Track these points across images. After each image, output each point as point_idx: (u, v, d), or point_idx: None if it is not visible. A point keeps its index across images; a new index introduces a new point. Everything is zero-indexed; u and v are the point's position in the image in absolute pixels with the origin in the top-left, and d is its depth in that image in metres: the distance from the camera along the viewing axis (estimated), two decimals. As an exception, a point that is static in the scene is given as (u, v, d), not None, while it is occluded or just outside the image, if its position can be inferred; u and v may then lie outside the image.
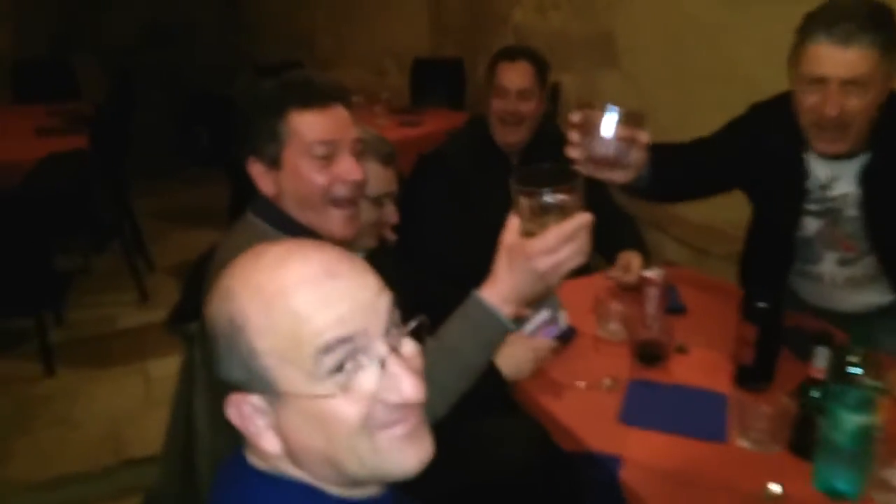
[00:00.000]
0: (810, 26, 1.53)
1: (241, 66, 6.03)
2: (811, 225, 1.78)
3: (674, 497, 1.30)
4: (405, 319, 0.80)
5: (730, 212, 2.43)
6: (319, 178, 1.35)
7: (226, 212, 4.02)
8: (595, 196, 2.51)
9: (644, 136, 1.37)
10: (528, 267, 1.05)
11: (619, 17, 3.74)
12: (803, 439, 1.36)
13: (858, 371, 1.26)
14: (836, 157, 1.67)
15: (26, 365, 3.22)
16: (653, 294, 1.83)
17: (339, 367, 0.72)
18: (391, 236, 1.92)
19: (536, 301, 1.14)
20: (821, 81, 1.52)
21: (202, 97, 5.86)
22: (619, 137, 1.33)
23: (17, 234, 2.96)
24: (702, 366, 1.72)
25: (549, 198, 1.02)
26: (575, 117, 1.33)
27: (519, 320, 1.20)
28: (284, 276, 0.74)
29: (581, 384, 1.64)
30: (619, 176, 1.42)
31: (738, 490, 1.31)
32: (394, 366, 0.74)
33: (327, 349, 0.72)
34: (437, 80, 5.03)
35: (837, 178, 1.70)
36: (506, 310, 1.10)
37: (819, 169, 1.72)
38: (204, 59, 6.41)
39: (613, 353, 1.78)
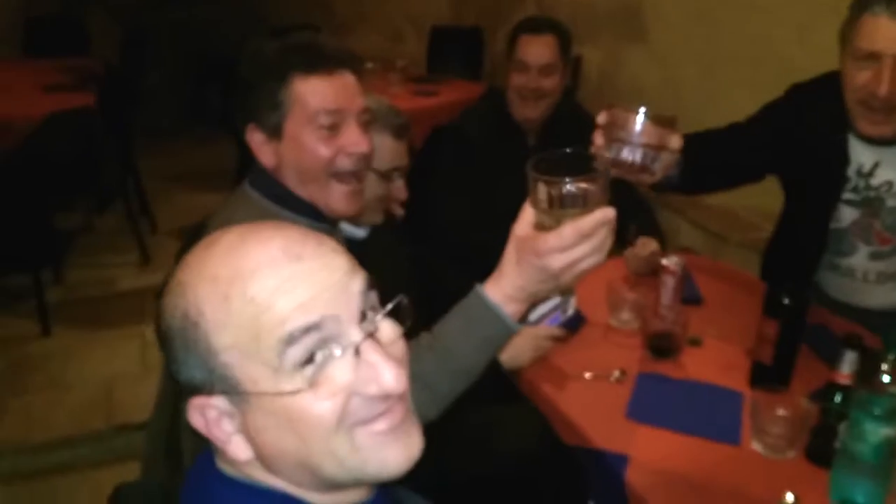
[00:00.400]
0: None
1: (257, 28, 5.90)
2: (847, 215, 1.69)
3: (681, 501, 1.23)
4: (387, 300, 0.72)
5: (751, 198, 2.34)
6: (323, 150, 1.26)
7: (233, 175, 3.95)
8: (612, 180, 2.40)
9: (676, 142, 1.24)
10: (539, 264, 0.93)
11: (647, -11, 3.60)
12: (822, 447, 1.27)
13: (888, 379, 1.17)
14: (881, 142, 1.58)
15: (22, 323, 3.17)
16: (669, 283, 1.73)
17: (308, 359, 0.64)
18: (399, 211, 1.83)
19: (545, 299, 1.04)
20: (874, 57, 1.43)
21: (216, 58, 5.75)
22: (648, 143, 1.19)
23: (18, 190, 2.90)
24: (716, 361, 1.63)
25: (570, 187, 0.89)
26: (601, 118, 1.21)
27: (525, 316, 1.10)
28: (240, 262, 0.66)
29: (588, 375, 1.56)
30: (646, 178, 1.29)
31: (749, 497, 1.23)
32: (370, 353, 0.66)
33: (292, 340, 0.63)
34: (456, 50, 4.90)
35: (881, 165, 1.61)
36: (510, 308, 0.99)
37: (862, 154, 1.63)
38: (220, 20, 6.28)
39: (624, 344, 1.69)
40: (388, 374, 0.66)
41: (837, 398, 1.27)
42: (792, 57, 2.85)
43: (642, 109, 1.16)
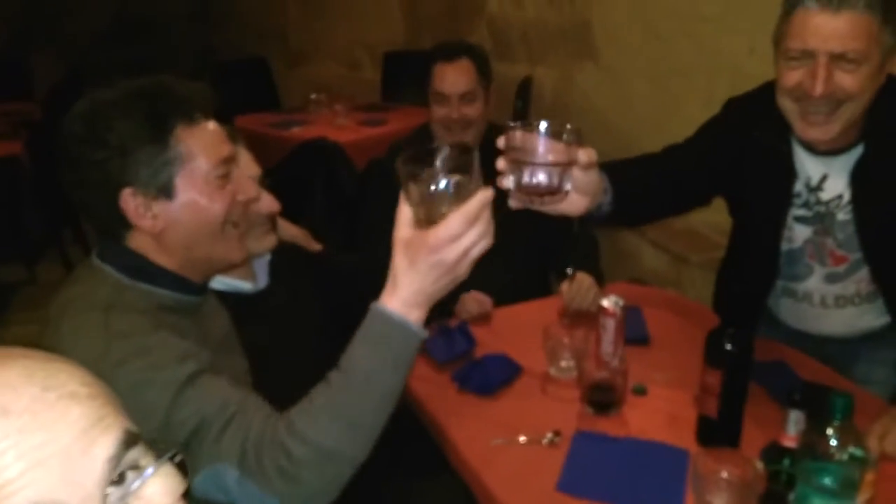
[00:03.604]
0: None
1: (211, 62, 5.77)
2: (801, 233, 1.56)
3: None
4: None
5: (712, 214, 2.22)
6: (220, 203, 1.14)
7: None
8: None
9: (584, 156, 1.12)
10: (434, 260, 0.93)
11: (596, 6, 3.50)
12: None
13: (836, 443, 1.02)
14: (827, 153, 1.45)
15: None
16: (609, 326, 1.58)
17: None
18: (314, 246, 1.69)
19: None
20: (807, 55, 1.31)
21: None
22: (552, 162, 1.09)
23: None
24: (662, 412, 1.48)
25: (444, 179, 0.92)
26: (500, 142, 1.10)
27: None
28: None
29: (523, 439, 1.40)
30: (568, 206, 1.18)
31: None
32: None
33: None
34: (410, 75, 4.76)
35: (829, 177, 1.48)
36: (413, 316, 0.97)
37: (809, 166, 1.50)
38: (173, 55, 6.15)
39: (564, 397, 1.54)
40: None
41: (786, 462, 1.12)
42: (743, 66, 2.74)
43: (542, 125, 1.07)
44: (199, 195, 1.12)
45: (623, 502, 1.22)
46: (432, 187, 0.92)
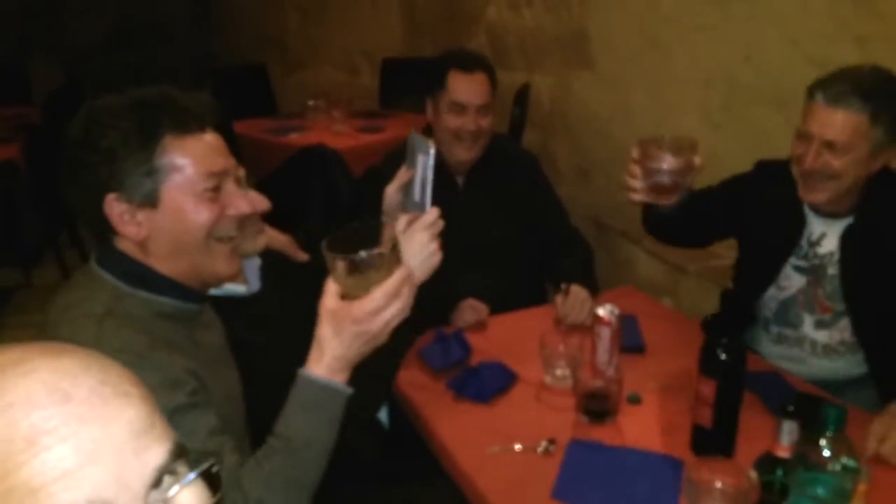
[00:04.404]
0: (815, 83, 1.58)
1: (210, 68, 5.78)
2: (796, 281, 1.75)
3: None
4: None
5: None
6: (205, 215, 1.13)
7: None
8: (546, 217, 2.25)
9: (698, 160, 1.49)
10: (358, 330, 1.05)
11: (594, 15, 3.51)
12: (766, 527, 1.13)
13: (829, 454, 1.03)
14: (828, 215, 1.68)
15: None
16: (604, 335, 1.59)
17: None
18: (301, 256, 1.69)
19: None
20: (808, 136, 1.57)
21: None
22: (677, 167, 1.47)
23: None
24: (657, 421, 1.49)
25: (366, 256, 1.02)
26: (634, 153, 1.49)
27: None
28: None
29: (518, 447, 1.41)
30: (676, 197, 1.55)
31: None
32: None
33: None
34: (409, 82, 4.77)
35: (826, 235, 1.70)
36: (338, 378, 1.09)
37: (812, 224, 1.73)
38: (172, 61, 6.16)
39: (559, 405, 1.55)
40: None
41: (779, 472, 1.12)
42: (739, 75, 2.77)
43: (667, 138, 1.48)
44: (185, 206, 1.11)
45: (617, 511, 1.22)
46: (355, 266, 1.03)
